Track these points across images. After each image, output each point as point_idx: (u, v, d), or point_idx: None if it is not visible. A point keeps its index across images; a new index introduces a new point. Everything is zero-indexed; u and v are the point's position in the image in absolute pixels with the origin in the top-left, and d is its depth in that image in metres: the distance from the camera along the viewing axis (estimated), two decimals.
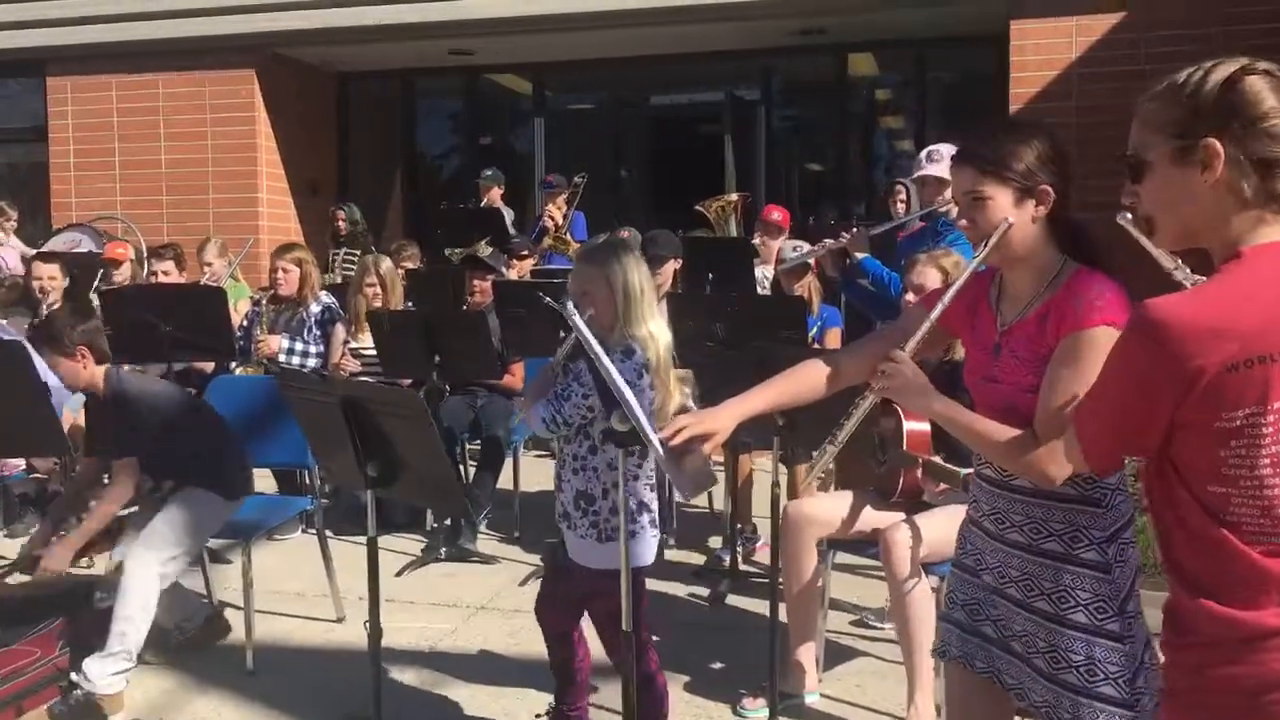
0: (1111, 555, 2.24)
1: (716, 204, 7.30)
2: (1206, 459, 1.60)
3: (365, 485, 2.94)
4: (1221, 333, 1.54)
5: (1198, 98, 1.64)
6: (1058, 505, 2.27)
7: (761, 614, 4.79)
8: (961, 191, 2.33)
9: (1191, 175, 1.65)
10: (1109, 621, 2.23)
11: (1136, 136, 1.74)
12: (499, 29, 10.09)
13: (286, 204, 10.94)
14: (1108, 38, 8.64)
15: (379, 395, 2.82)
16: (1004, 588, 2.37)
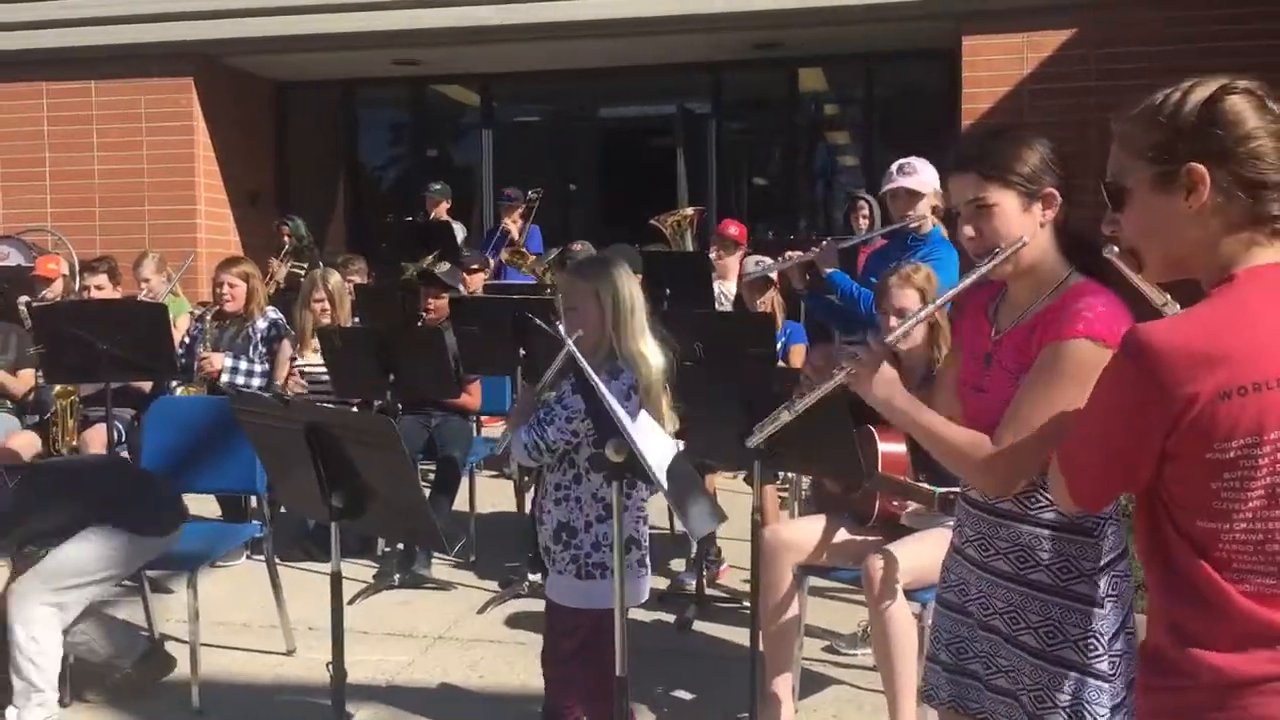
0: (1104, 589, 2.12)
1: (672, 218, 7.19)
2: (1197, 493, 1.50)
3: (330, 517, 2.75)
4: (1214, 358, 1.45)
5: (1178, 119, 1.56)
6: (1045, 533, 2.15)
7: (730, 640, 4.70)
8: (964, 200, 2.19)
9: (1175, 201, 1.57)
10: (1099, 660, 2.12)
11: (1115, 162, 1.65)
12: (444, 40, 9.91)
13: (225, 215, 10.63)
14: (1058, 54, 8.69)
15: (347, 421, 2.64)
16: (989, 619, 2.25)
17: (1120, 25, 8.50)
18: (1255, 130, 1.54)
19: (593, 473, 3.08)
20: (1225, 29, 8.28)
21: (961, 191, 2.19)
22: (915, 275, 3.94)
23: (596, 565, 3.07)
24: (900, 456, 3.84)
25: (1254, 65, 6.44)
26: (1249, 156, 1.54)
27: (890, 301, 3.92)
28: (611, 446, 2.27)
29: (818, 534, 3.92)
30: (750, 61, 10.46)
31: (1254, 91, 1.57)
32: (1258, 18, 8.22)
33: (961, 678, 2.32)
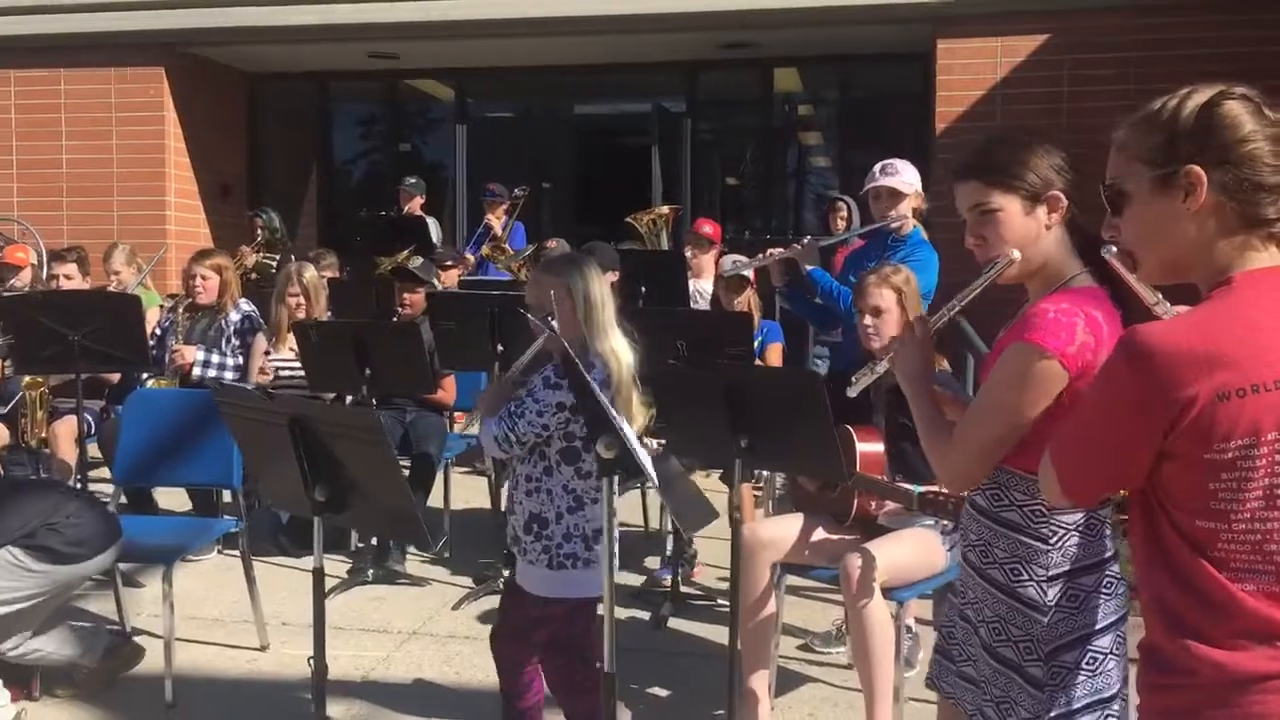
0: (1050, 597, 2.13)
1: (648, 217, 7.19)
2: (1195, 492, 1.53)
3: (313, 511, 2.74)
4: (1213, 360, 1.48)
5: (1176, 124, 1.60)
6: (1003, 531, 2.19)
7: (705, 638, 4.72)
8: (968, 207, 2.22)
9: (1174, 204, 1.60)
10: (1031, 665, 2.14)
11: (1114, 167, 1.68)
12: (419, 34, 9.85)
13: (196, 207, 10.53)
14: (1031, 59, 8.76)
15: (332, 416, 2.62)
16: (965, 609, 2.31)
17: (1091, 31, 8.59)
18: (1251, 134, 1.57)
19: (563, 465, 3.11)
20: (1196, 36, 8.38)
21: (965, 198, 2.22)
22: (894, 276, 3.96)
23: (568, 556, 3.11)
24: (878, 456, 3.86)
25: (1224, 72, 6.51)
26: (1245, 159, 1.57)
27: (867, 300, 3.94)
28: (603, 443, 2.28)
29: (795, 532, 3.93)
30: (725, 61, 10.48)
31: (1250, 97, 1.60)
32: (1228, 25, 8.32)
33: (957, 676, 2.36)
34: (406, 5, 9.63)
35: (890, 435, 3.91)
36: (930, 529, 3.80)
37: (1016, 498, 2.17)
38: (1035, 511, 2.14)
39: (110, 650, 4.16)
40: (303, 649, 4.59)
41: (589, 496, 3.10)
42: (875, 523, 3.87)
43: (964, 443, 2.13)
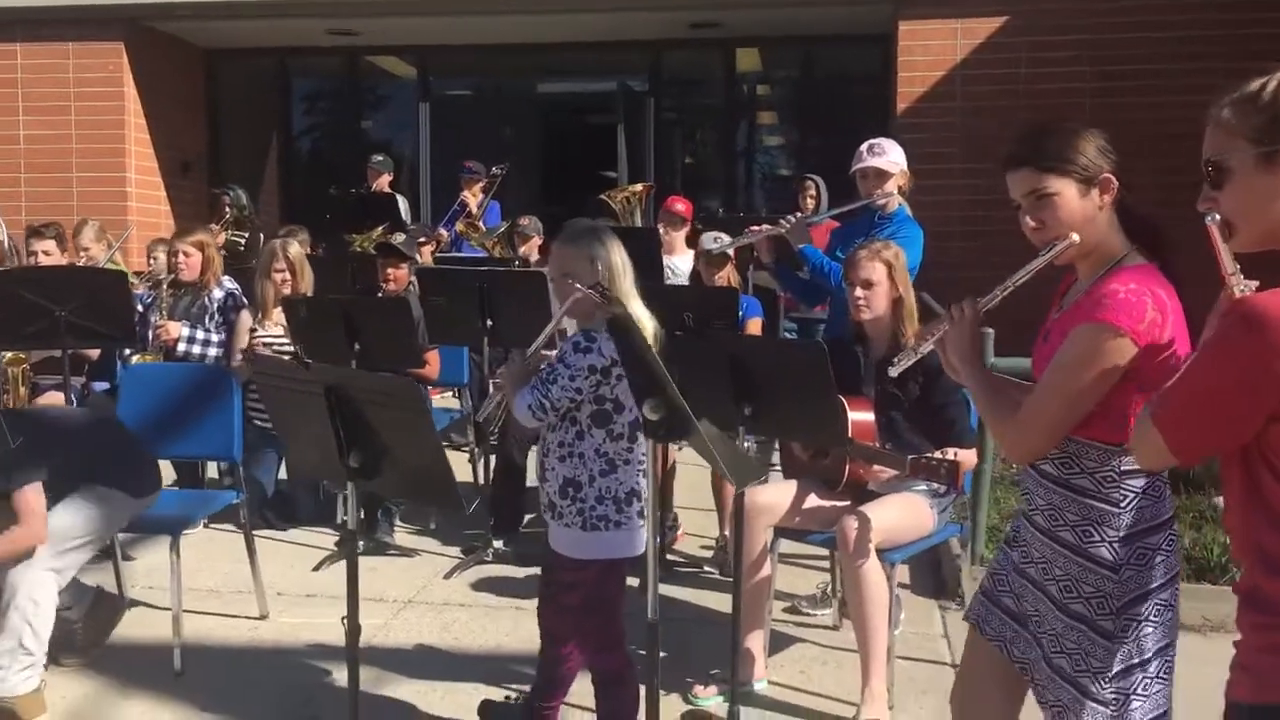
0: (1123, 556, 2.28)
1: (621, 194, 7.28)
2: None
3: (346, 477, 2.83)
4: None
5: (1276, 106, 1.72)
6: (1074, 496, 2.33)
7: (691, 602, 4.86)
8: (1023, 193, 2.31)
9: (1275, 179, 1.73)
10: (1104, 619, 2.29)
11: (1215, 143, 1.80)
12: (381, 10, 9.86)
13: (157, 184, 10.45)
14: (990, 41, 8.97)
15: (372, 384, 2.71)
16: (1025, 567, 2.45)
17: (1048, 15, 8.82)
18: None
19: (595, 429, 3.20)
20: (1148, 19, 8.65)
21: (1020, 185, 2.32)
22: (885, 250, 4.11)
23: (600, 518, 3.19)
24: (868, 425, 4.01)
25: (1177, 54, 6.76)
26: None
27: (859, 273, 4.09)
28: (649, 405, 2.39)
29: (790, 499, 4.08)
30: (688, 41, 10.59)
31: None
32: (1179, 8, 8.59)
33: (993, 607, 2.52)
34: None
35: (879, 404, 4.06)
36: (919, 494, 3.96)
37: (1087, 465, 2.30)
38: (1106, 478, 2.29)
39: (94, 605, 4.27)
40: (300, 617, 4.71)
41: (620, 459, 3.20)
42: (865, 488, 4.03)
43: (1035, 417, 2.27)
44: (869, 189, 4.57)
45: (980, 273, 6.76)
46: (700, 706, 3.92)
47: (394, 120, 11.91)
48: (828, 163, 9.18)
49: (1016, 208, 2.35)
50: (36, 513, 3.65)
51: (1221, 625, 4.41)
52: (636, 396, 2.50)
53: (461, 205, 8.93)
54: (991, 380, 2.42)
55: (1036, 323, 2.46)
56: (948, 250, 8.21)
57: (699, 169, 11.90)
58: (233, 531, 5.54)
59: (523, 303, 5.14)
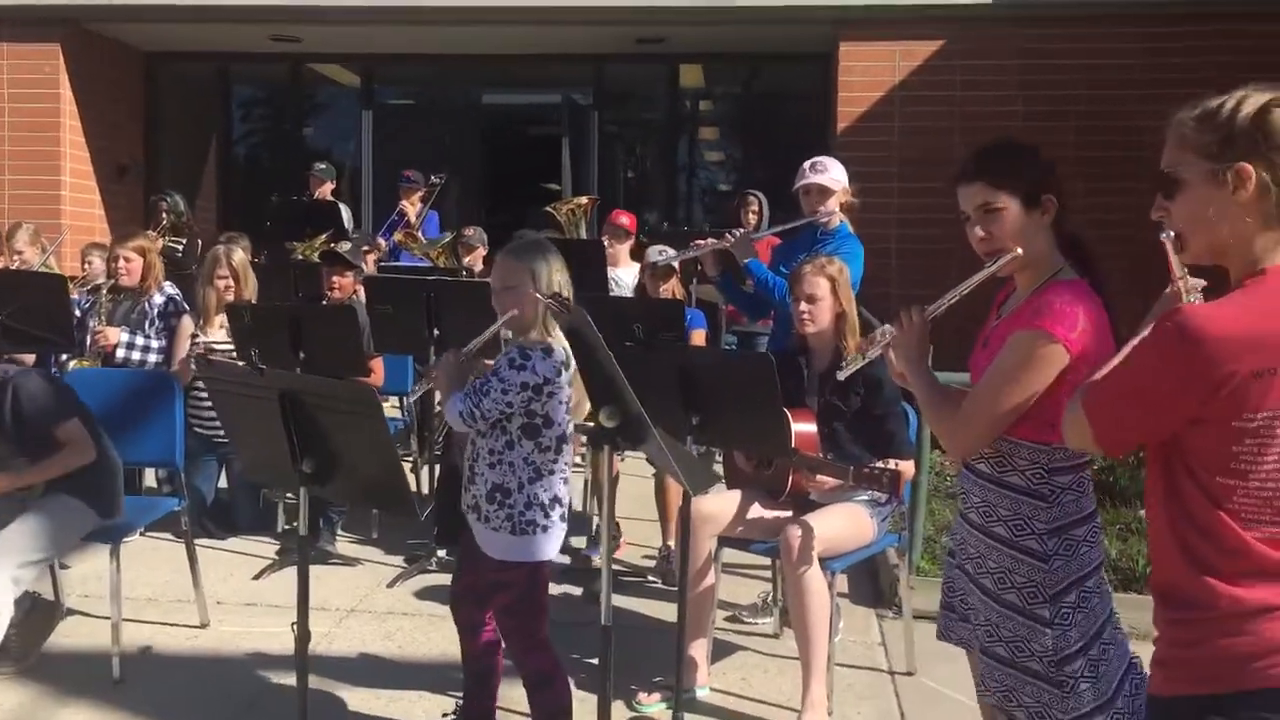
0: (1051, 547, 2.43)
1: (567, 206, 7.34)
2: (1219, 453, 1.78)
3: (298, 483, 2.84)
4: (1253, 342, 1.73)
5: (1233, 124, 1.82)
6: (1006, 493, 2.47)
7: (635, 610, 4.91)
8: (974, 206, 2.45)
9: (1223, 194, 1.83)
10: (1039, 607, 2.43)
11: (1172, 155, 1.90)
12: (324, 18, 9.78)
13: (91, 188, 10.28)
14: (927, 63, 9.17)
15: (326, 389, 2.73)
16: (964, 564, 2.59)
17: (983, 40, 9.04)
18: None
19: (524, 440, 3.31)
20: (1076, 47, 8.91)
21: (971, 198, 2.46)
22: (829, 266, 4.21)
23: (529, 523, 3.31)
24: (811, 436, 4.10)
25: (1104, 81, 6.97)
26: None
27: (803, 288, 4.18)
28: (605, 412, 2.44)
29: (734, 508, 4.15)
30: (632, 55, 10.68)
31: None
32: (1103, 38, 8.86)
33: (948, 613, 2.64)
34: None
35: (822, 416, 4.15)
36: (860, 504, 4.05)
37: (1018, 463, 2.45)
38: (1035, 475, 2.44)
39: (31, 611, 4.24)
40: (240, 626, 4.67)
41: (546, 468, 3.31)
42: (808, 498, 4.11)
43: (975, 416, 2.42)
44: (812, 205, 4.66)
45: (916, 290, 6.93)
46: (644, 713, 3.97)
47: (336, 128, 11.84)
48: (768, 179, 9.34)
49: (965, 219, 2.48)
50: (85, 439, 4.06)
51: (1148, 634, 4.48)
52: (594, 403, 2.56)
53: (400, 215, 8.92)
54: (935, 383, 2.54)
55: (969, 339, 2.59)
56: (885, 267, 8.38)
57: (641, 182, 11.99)
58: (170, 540, 5.48)
59: (469, 312, 5.15)
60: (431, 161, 10.14)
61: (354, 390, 2.76)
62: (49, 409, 4.02)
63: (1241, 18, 8.56)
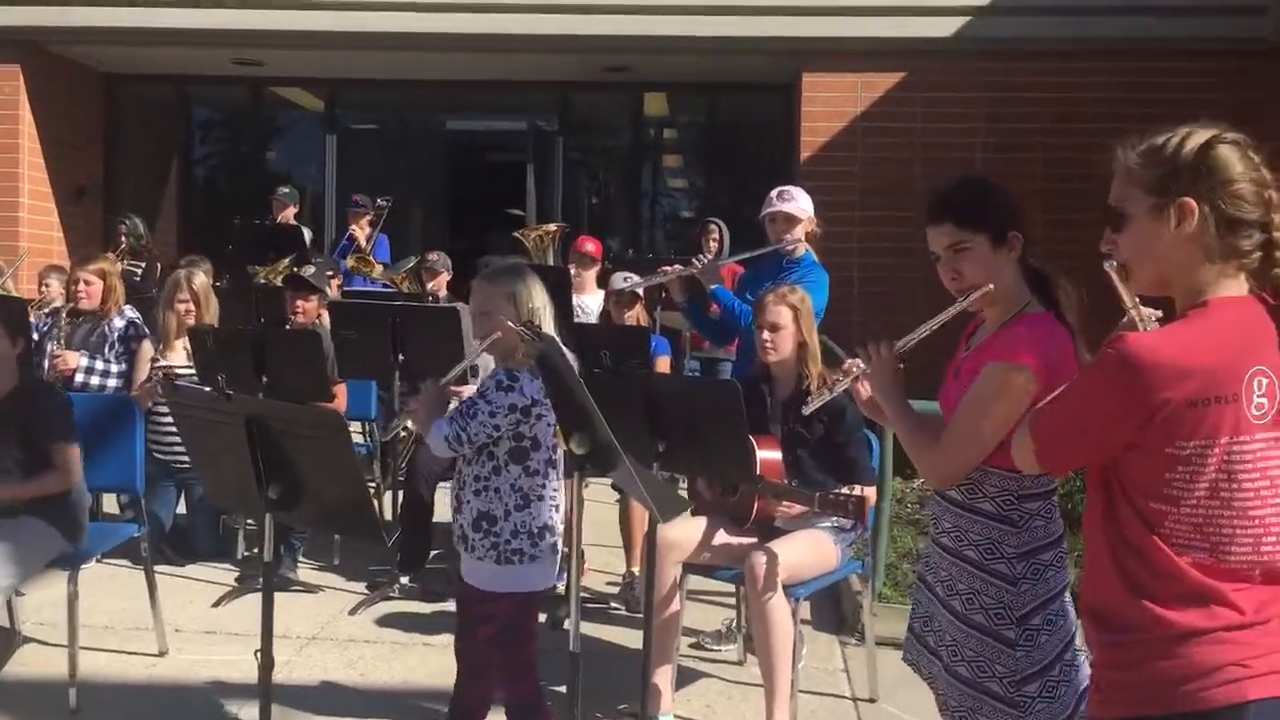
0: (1020, 571, 2.47)
1: (535, 233, 7.35)
2: (1152, 478, 1.83)
3: (264, 509, 2.83)
4: (1190, 372, 1.78)
5: (1177, 160, 1.87)
6: (977, 519, 2.51)
7: (600, 637, 4.90)
8: (944, 246, 2.50)
9: (1167, 228, 1.88)
10: (1005, 628, 2.47)
11: (1119, 190, 1.95)
12: (287, 42, 9.75)
13: (50, 210, 10.16)
14: (889, 95, 9.29)
15: (294, 415, 2.72)
16: (933, 585, 2.61)
17: (943, 73, 9.17)
18: (1239, 175, 1.86)
19: (511, 465, 3.25)
20: (1035, 80, 9.06)
21: (940, 239, 2.50)
22: (791, 295, 4.26)
23: (514, 552, 3.24)
24: (776, 463, 4.13)
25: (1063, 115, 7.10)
26: (1232, 197, 1.86)
27: (766, 317, 4.23)
28: (576, 440, 2.45)
29: (699, 535, 4.17)
30: (597, 84, 10.73)
31: (1239, 143, 1.89)
32: (1062, 72, 9.02)
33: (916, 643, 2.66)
34: (271, 14, 9.51)
35: (786, 443, 4.18)
36: (824, 531, 4.08)
37: (988, 490, 2.49)
38: (1005, 501, 2.48)
39: None
40: (199, 654, 4.62)
41: (535, 494, 3.25)
42: (773, 525, 4.14)
43: (953, 446, 2.45)
44: (778, 234, 4.71)
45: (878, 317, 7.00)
46: None
47: (299, 152, 11.79)
48: (730, 207, 9.42)
49: (935, 259, 2.52)
50: (77, 468, 4.18)
51: None
52: (564, 431, 2.56)
53: (350, 239, 8.88)
54: (913, 415, 2.57)
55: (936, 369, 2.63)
56: (847, 296, 8.45)
57: (605, 209, 12.04)
58: (128, 566, 5.41)
59: (434, 337, 5.17)
60: (396, 187, 10.13)
61: (322, 416, 2.75)
62: (59, 429, 4.14)
63: (1203, 55, 8.76)
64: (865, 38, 9.11)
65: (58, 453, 4.12)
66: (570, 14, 9.24)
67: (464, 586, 3.34)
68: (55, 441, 4.12)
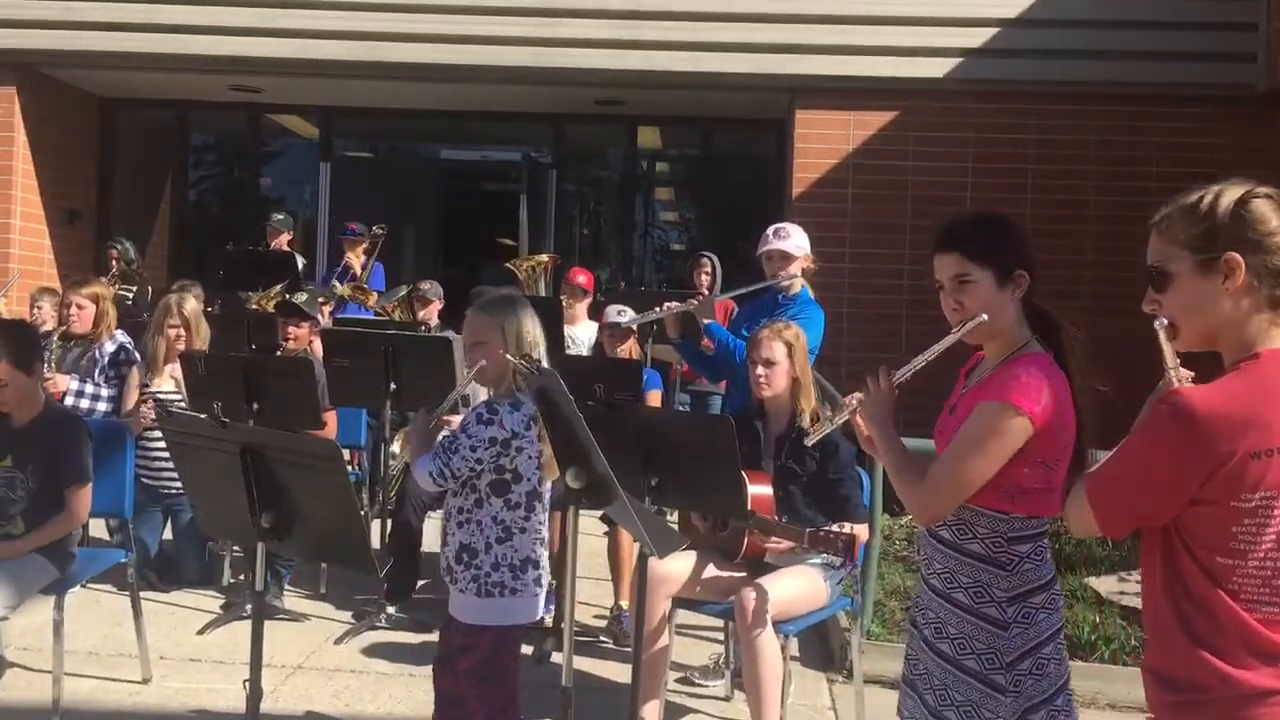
0: (1011, 615, 2.46)
1: (527, 263, 7.38)
2: (1218, 533, 1.83)
3: (256, 537, 2.83)
4: (1249, 423, 1.79)
5: (1214, 217, 1.91)
6: (967, 560, 2.50)
7: (587, 671, 4.88)
8: (948, 276, 2.50)
9: (1214, 284, 1.90)
10: (995, 673, 2.45)
11: (1159, 249, 1.98)
12: (285, 70, 9.79)
13: (42, 232, 10.15)
14: (880, 133, 9.35)
15: (289, 444, 2.72)
16: (922, 628, 2.59)
17: (935, 112, 9.24)
18: (1277, 228, 1.90)
19: (493, 497, 3.26)
20: (1025, 122, 9.14)
21: (946, 268, 2.50)
22: (785, 331, 4.28)
23: (496, 584, 3.25)
24: (767, 498, 4.14)
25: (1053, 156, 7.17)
26: (1274, 249, 1.89)
27: (760, 353, 4.25)
28: (571, 473, 2.45)
29: (689, 569, 4.17)
30: (591, 116, 10.80)
31: (1273, 196, 1.93)
32: (1053, 114, 9.11)
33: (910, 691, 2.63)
34: (270, 41, 9.57)
35: (778, 479, 4.19)
36: (814, 567, 4.08)
37: (979, 531, 2.47)
38: (995, 543, 2.46)
39: None
40: (183, 682, 4.59)
41: (517, 527, 3.26)
42: (763, 560, 4.14)
43: (940, 482, 2.44)
44: (774, 270, 4.74)
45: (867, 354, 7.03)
46: None
47: (294, 179, 11.82)
48: (721, 240, 9.47)
49: (939, 289, 2.52)
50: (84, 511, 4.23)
51: (1092, 701, 4.60)
52: (560, 464, 2.56)
53: (345, 267, 8.89)
54: (903, 448, 2.56)
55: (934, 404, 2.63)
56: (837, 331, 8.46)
57: (597, 240, 12.09)
58: (112, 592, 5.39)
59: (427, 366, 5.17)
60: (390, 215, 10.15)
61: (317, 445, 2.75)
62: (77, 468, 4.17)
63: (1196, 100, 8.86)
64: (858, 76, 9.18)
65: (71, 492, 4.15)
66: (565, 47, 9.31)
67: (447, 618, 3.34)
68: (71, 481, 4.15)
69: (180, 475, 3.23)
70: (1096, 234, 8.84)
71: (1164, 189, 2.03)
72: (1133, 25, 8.96)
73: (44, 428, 4.16)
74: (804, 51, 9.19)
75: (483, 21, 9.35)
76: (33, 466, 4.09)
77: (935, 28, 9.11)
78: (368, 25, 9.42)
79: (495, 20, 9.34)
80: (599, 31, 9.31)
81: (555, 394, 2.56)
